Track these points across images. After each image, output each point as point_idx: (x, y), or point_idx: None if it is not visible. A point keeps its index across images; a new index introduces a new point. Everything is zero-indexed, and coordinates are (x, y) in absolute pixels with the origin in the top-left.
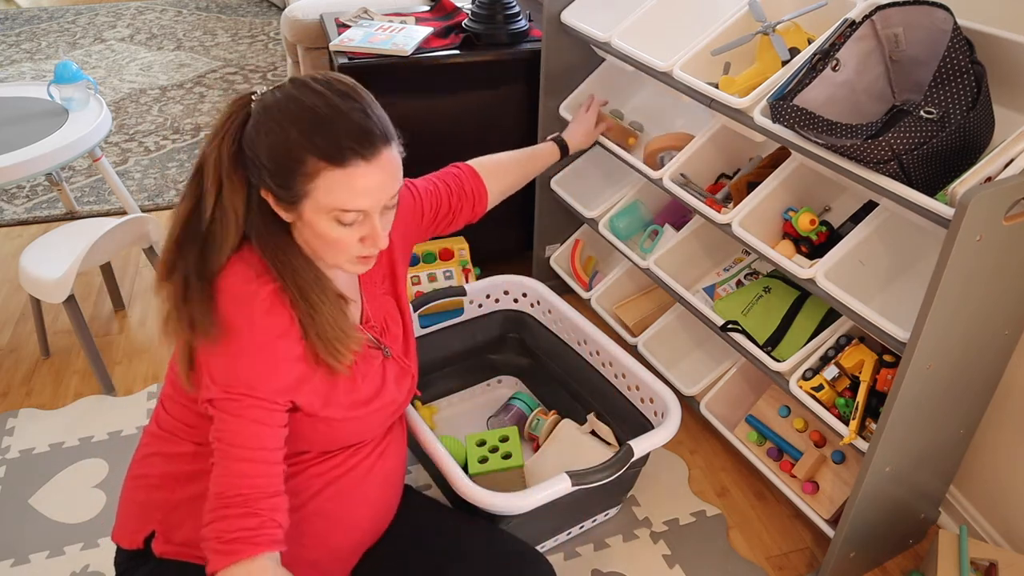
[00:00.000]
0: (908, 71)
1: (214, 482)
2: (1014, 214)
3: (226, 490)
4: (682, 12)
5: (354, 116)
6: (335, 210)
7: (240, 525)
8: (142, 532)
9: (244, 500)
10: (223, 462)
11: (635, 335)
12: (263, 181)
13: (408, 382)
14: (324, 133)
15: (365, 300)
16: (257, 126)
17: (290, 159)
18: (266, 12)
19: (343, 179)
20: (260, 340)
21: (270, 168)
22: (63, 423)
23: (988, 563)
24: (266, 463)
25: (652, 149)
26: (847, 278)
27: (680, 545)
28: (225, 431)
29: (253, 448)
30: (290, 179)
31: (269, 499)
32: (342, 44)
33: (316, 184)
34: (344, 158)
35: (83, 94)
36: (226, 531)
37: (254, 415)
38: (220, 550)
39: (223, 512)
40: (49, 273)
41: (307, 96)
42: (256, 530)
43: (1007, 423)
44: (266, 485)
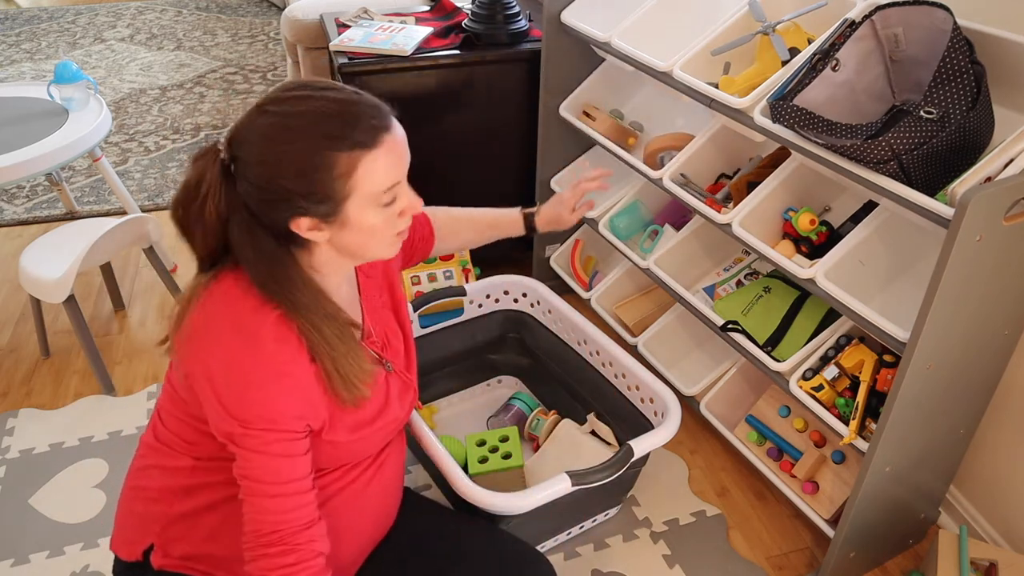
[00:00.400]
0: (908, 71)
1: (248, 519)
2: (1014, 214)
3: (260, 527)
4: (682, 12)
5: (356, 98)
6: (380, 193)
7: (280, 563)
8: (140, 544)
9: (280, 537)
10: (253, 499)
11: (635, 335)
12: (295, 209)
13: (410, 396)
14: (345, 126)
15: (366, 315)
16: (260, 163)
17: (322, 168)
18: (266, 12)
19: (379, 158)
20: (273, 370)
21: (301, 191)
22: (63, 423)
23: (988, 563)
24: (297, 494)
25: (652, 149)
26: (847, 278)
27: (680, 545)
28: (251, 468)
29: (282, 482)
30: (328, 188)
31: (305, 531)
32: (342, 44)
33: (356, 177)
34: (375, 139)
35: (83, 94)
36: (268, 569)
37: (279, 449)
38: None
39: (263, 551)
40: (49, 273)
41: (298, 106)
42: (295, 565)
43: (1007, 423)
44: (299, 517)
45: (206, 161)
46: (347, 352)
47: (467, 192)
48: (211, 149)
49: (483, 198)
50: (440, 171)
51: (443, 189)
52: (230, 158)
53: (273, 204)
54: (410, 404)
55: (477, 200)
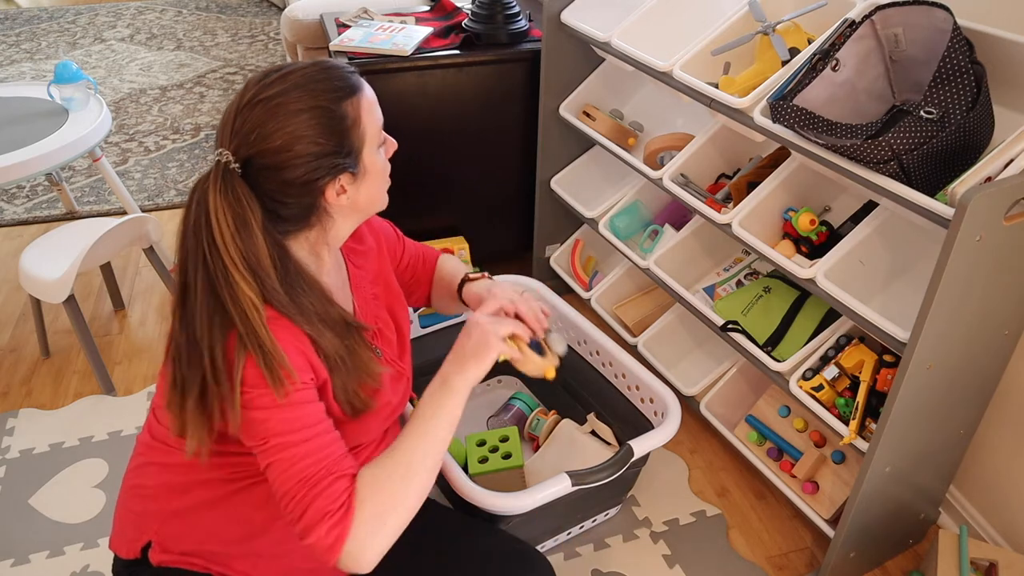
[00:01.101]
0: (908, 71)
1: (283, 479)
2: (1014, 214)
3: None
4: (682, 12)
5: (324, 60)
6: (379, 133)
7: (336, 491)
8: (139, 542)
9: (326, 469)
10: (282, 455)
11: (635, 335)
12: (330, 171)
13: (403, 384)
14: (331, 80)
15: (357, 303)
16: (281, 145)
17: (335, 121)
18: (266, 12)
19: (368, 100)
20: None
21: (331, 150)
22: (63, 423)
23: (988, 563)
24: (325, 433)
25: (652, 149)
26: (847, 278)
27: (680, 545)
28: (271, 427)
29: (307, 427)
30: (349, 139)
31: (345, 459)
32: (342, 44)
33: (362, 122)
34: (358, 83)
35: (83, 94)
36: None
37: (293, 398)
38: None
39: (314, 492)
40: (49, 273)
41: (286, 83)
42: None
43: (1007, 423)
44: (334, 451)
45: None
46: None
47: (467, 192)
48: (216, 169)
49: (483, 198)
50: (440, 171)
51: (443, 189)
52: (241, 164)
53: (307, 179)
54: (403, 391)
55: (476, 199)
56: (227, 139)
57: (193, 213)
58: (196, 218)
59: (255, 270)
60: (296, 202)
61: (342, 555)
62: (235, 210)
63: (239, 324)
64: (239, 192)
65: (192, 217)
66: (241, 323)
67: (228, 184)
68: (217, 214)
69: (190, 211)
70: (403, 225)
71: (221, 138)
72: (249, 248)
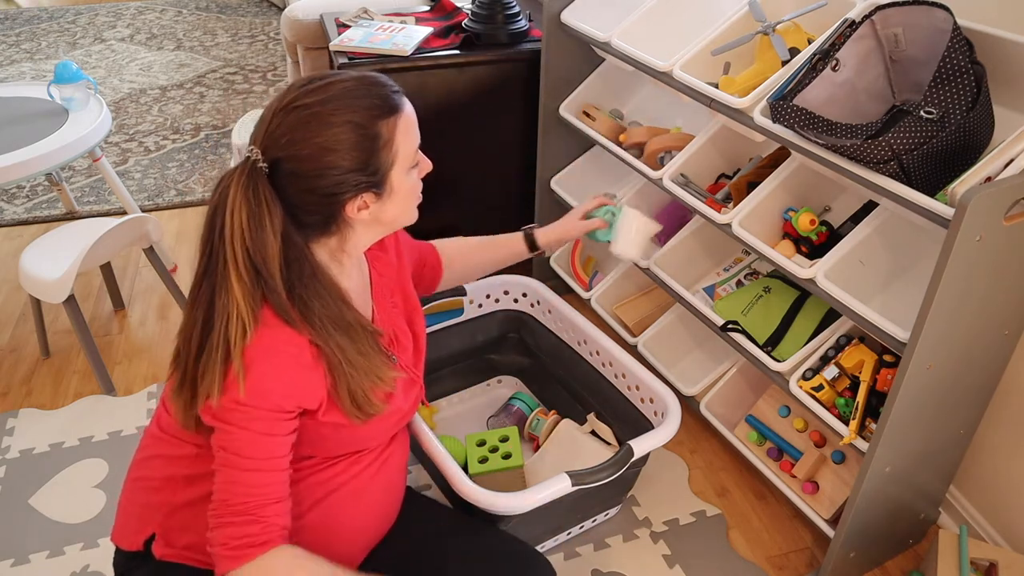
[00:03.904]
0: (908, 71)
1: (219, 488)
2: (1014, 214)
3: (230, 498)
4: (682, 12)
5: (370, 74)
6: (413, 154)
7: (245, 532)
8: (142, 534)
9: (247, 508)
10: (227, 470)
11: (635, 335)
12: (353, 188)
13: (415, 391)
14: (372, 97)
15: (376, 309)
16: (309, 154)
17: (369, 139)
18: (266, 12)
19: (407, 121)
20: (268, 346)
21: (357, 166)
22: (63, 423)
23: (988, 563)
24: (272, 471)
25: (652, 149)
26: (847, 278)
27: (680, 545)
28: (231, 441)
29: (260, 458)
30: (376, 158)
31: (273, 505)
32: (342, 44)
33: (396, 143)
34: (398, 104)
35: (83, 94)
36: (232, 537)
37: (261, 427)
38: (227, 556)
39: (228, 520)
40: (49, 273)
41: (326, 92)
42: (260, 535)
43: (1007, 423)
44: (270, 492)
45: (241, 172)
46: (367, 367)
47: (467, 192)
48: (244, 165)
49: (483, 198)
50: (440, 171)
51: (443, 189)
52: (269, 164)
53: (328, 192)
54: (415, 399)
55: (476, 199)
56: (260, 138)
57: (213, 202)
58: (214, 207)
59: (258, 269)
60: (316, 211)
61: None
62: (251, 207)
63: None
64: (260, 191)
65: (212, 205)
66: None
67: (251, 181)
68: (233, 208)
69: (213, 200)
70: None
71: (255, 136)
72: (257, 247)
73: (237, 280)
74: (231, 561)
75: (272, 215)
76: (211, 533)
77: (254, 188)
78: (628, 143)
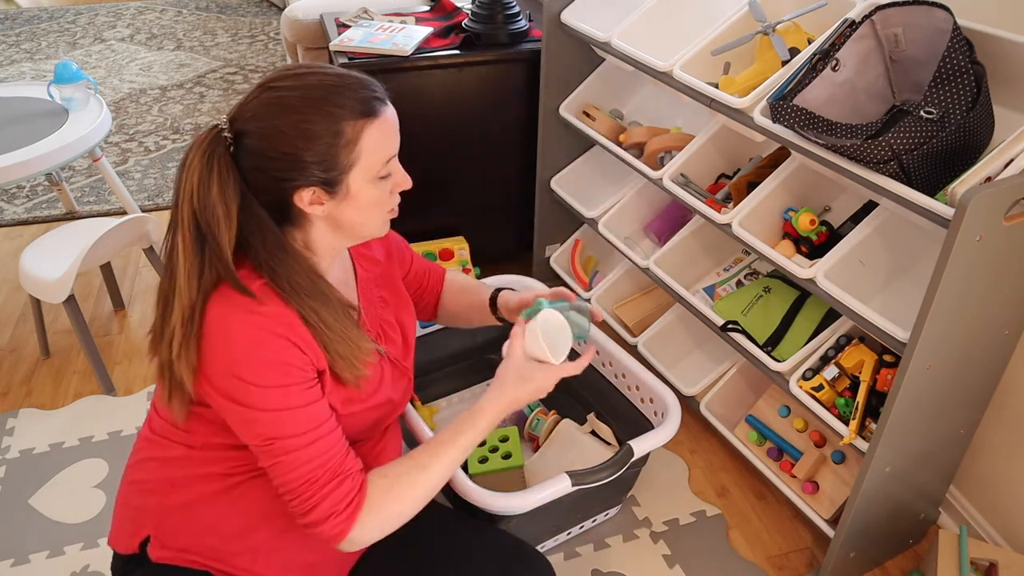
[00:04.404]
0: (908, 71)
1: (287, 479)
2: (1014, 214)
3: (311, 475)
4: (682, 12)
5: (353, 73)
6: (380, 164)
7: (342, 494)
8: (137, 536)
9: (332, 473)
10: (288, 456)
11: (635, 335)
12: (303, 179)
13: (404, 383)
14: (348, 96)
15: (362, 304)
16: (270, 134)
17: (330, 135)
18: (266, 12)
19: (380, 128)
20: (264, 328)
21: (310, 158)
22: (63, 423)
23: (988, 563)
24: (330, 434)
25: (652, 149)
26: (847, 278)
27: (680, 545)
28: (279, 427)
29: (313, 429)
30: (335, 156)
31: (345, 459)
32: (342, 44)
33: (360, 146)
34: (375, 108)
35: (83, 94)
36: (334, 504)
37: (299, 399)
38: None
39: (318, 493)
40: (49, 273)
41: (308, 79)
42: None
43: (1007, 423)
44: (336, 451)
45: (207, 139)
46: (344, 333)
47: (467, 192)
48: (210, 130)
49: (483, 198)
50: (440, 171)
51: (443, 189)
52: (233, 136)
53: (278, 176)
54: (404, 390)
55: (476, 199)
56: (234, 110)
57: (179, 164)
58: (179, 169)
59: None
60: (267, 192)
61: (343, 543)
62: (203, 171)
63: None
64: (215, 157)
65: (178, 168)
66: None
67: (211, 147)
68: (189, 170)
69: (180, 162)
70: (403, 225)
71: (232, 108)
72: (203, 209)
73: (183, 242)
74: (345, 522)
75: (223, 181)
76: (309, 519)
77: (211, 153)
78: (628, 143)
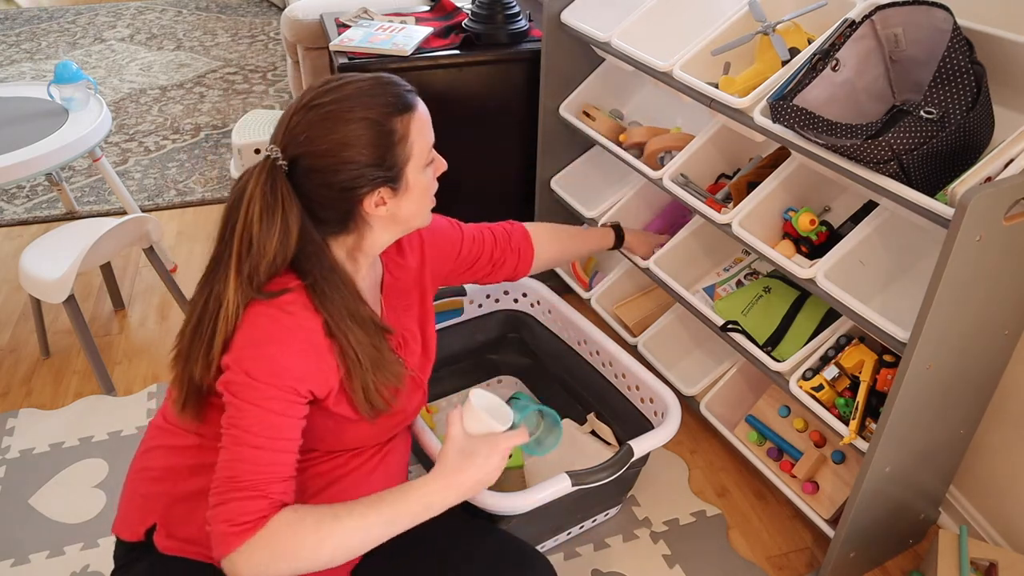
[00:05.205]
0: (908, 71)
1: (224, 465)
2: (1014, 214)
3: (237, 475)
4: (682, 12)
5: (384, 75)
6: (427, 151)
7: (251, 508)
8: (143, 524)
9: (254, 484)
10: (235, 447)
11: (635, 335)
12: (370, 183)
13: (419, 395)
14: (386, 95)
15: (385, 311)
16: (327, 150)
17: (385, 135)
18: (266, 12)
19: (420, 118)
20: (287, 326)
21: (373, 162)
22: (63, 423)
23: (988, 563)
24: (282, 452)
25: (652, 149)
26: (847, 278)
27: (680, 545)
28: (242, 417)
29: (270, 437)
30: (392, 152)
31: (280, 483)
32: (342, 44)
33: (410, 139)
34: (414, 102)
35: (83, 94)
36: (237, 513)
37: (276, 406)
38: (231, 532)
39: (233, 495)
40: (49, 273)
41: (343, 91)
42: (265, 510)
43: (1007, 423)
44: (278, 471)
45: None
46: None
47: (467, 192)
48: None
49: (483, 198)
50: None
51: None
52: (288, 162)
53: (346, 187)
54: (418, 402)
55: (476, 199)
56: (279, 137)
57: (231, 199)
58: (231, 204)
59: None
60: (334, 206)
61: (224, 561)
62: (267, 201)
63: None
64: (278, 187)
65: (229, 203)
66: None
67: (270, 178)
68: (250, 203)
69: (231, 197)
70: None
71: (275, 136)
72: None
73: (235, 272)
74: (235, 537)
75: (287, 211)
76: (212, 511)
77: (271, 184)
78: (628, 143)
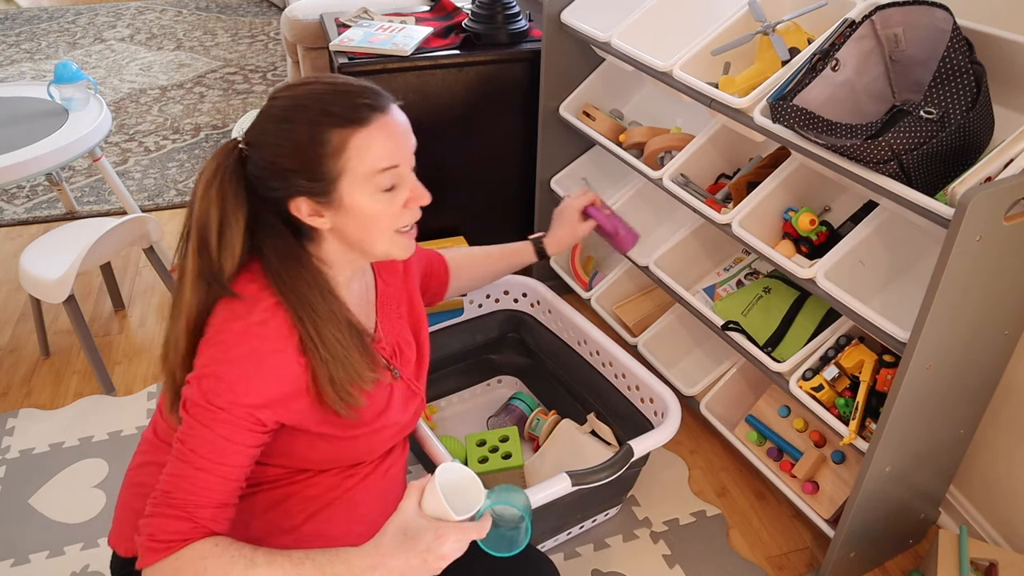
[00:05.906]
0: (908, 71)
1: (165, 478)
2: (1014, 214)
3: (172, 491)
4: (682, 12)
5: (352, 82)
6: (373, 173)
7: (175, 528)
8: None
9: (184, 504)
10: (178, 463)
11: (635, 335)
12: (293, 189)
13: (415, 404)
14: (335, 104)
15: (380, 320)
16: (263, 145)
17: (313, 144)
18: (266, 12)
19: (370, 137)
20: (251, 349)
21: (296, 167)
22: (63, 423)
23: (988, 563)
24: (224, 478)
25: (652, 149)
26: (847, 278)
27: (680, 545)
28: (191, 436)
29: (214, 461)
30: (320, 165)
31: (212, 509)
32: (342, 44)
33: (347, 155)
34: (363, 116)
35: (83, 94)
36: (161, 530)
37: (225, 432)
38: (151, 547)
39: (163, 511)
40: (49, 273)
41: (299, 90)
42: (189, 533)
43: (1007, 423)
44: (213, 496)
45: (225, 150)
46: (345, 356)
47: (467, 192)
48: (230, 142)
49: (483, 198)
50: (439, 171)
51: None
52: (246, 145)
53: (272, 186)
54: (415, 412)
55: (476, 199)
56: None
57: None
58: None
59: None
60: (270, 204)
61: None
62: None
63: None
64: (225, 165)
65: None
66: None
67: (224, 157)
68: (201, 177)
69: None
70: None
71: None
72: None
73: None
74: (153, 554)
75: (225, 190)
76: (142, 521)
77: (220, 163)
78: (628, 143)
